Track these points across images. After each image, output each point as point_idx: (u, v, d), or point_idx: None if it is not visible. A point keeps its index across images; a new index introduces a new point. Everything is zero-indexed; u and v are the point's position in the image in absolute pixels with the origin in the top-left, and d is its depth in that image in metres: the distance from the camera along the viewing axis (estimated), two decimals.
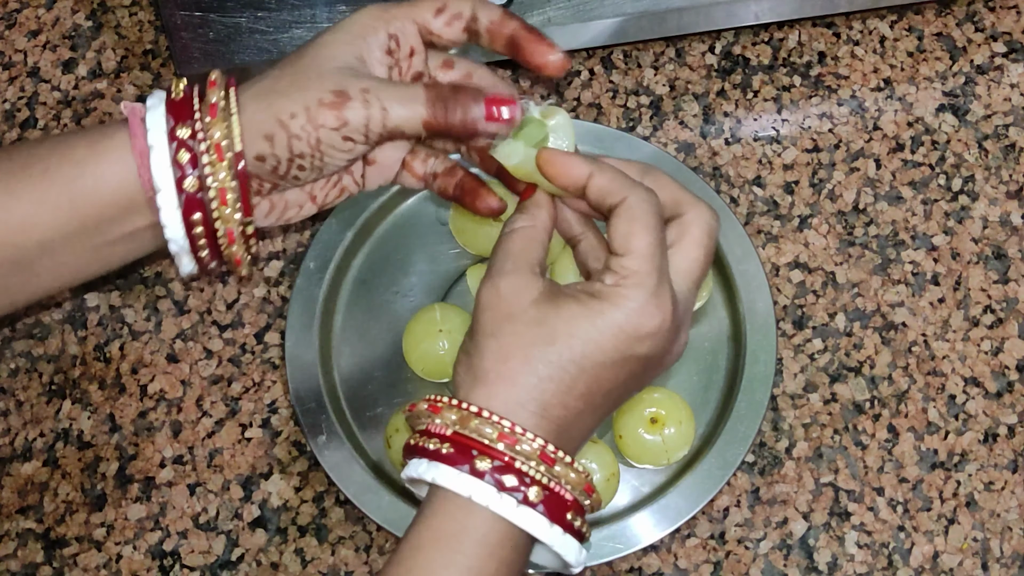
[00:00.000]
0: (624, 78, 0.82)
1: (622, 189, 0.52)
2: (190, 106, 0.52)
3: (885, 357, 0.73)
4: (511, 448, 0.49)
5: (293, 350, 0.71)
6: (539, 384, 0.50)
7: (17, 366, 0.74)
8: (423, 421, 0.52)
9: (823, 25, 0.83)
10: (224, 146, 0.51)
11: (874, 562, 0.68)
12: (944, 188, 0.78)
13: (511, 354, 0.50)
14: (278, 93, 0.52)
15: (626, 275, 0.51)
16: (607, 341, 0.50)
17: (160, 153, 0.51)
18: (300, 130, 0.51)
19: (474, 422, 0.49)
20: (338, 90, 0.51)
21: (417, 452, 0.51)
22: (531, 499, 0.49)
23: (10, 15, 0.84)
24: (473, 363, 0.51)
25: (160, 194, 0.52)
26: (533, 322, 0.51)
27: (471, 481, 0.49)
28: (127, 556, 0.69)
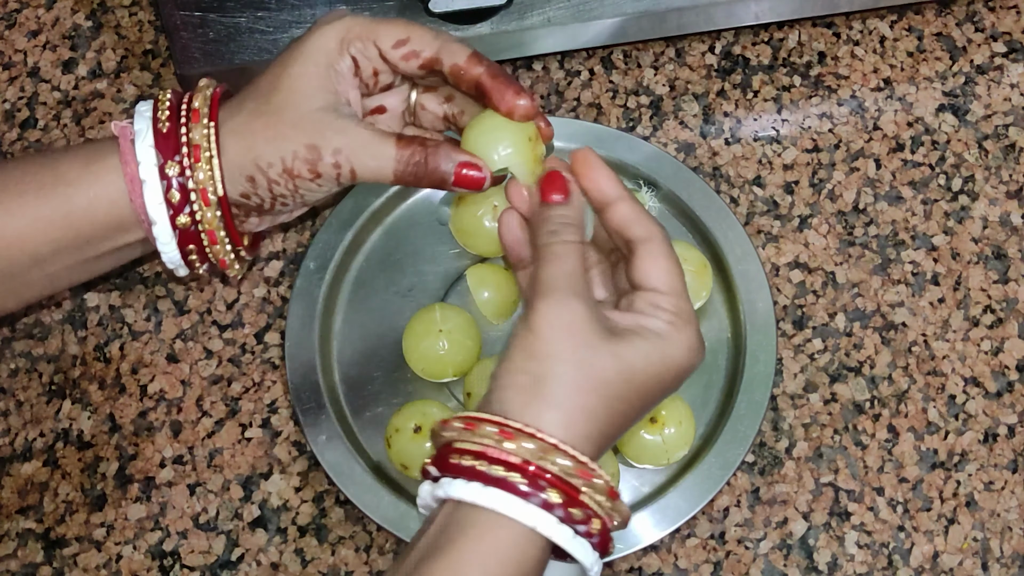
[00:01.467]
0: (624, 78, 0.82)
1: (651, 225, 0.54)
2: (177, 141, 0.54)
3: (885, 357, 0.73)
4: (586, 482, 0.49)
5: (293, 350, 0.71)
6: (609, 419, 0.50)
7: (17, 366, 0.74)
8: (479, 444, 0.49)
9: (823, 25, 0.83)
10: (209, 190, 0.55)
11: (874, 562, 0.68)
12: (944, 188, 0.78)
13: (590, 387, 0.50)
14: (256, 136, 0.54)
15: (679, 314, 0.52)
16: (668, 376, 0.52)
17: (152, 188, 0.55)
18: (278, 178, 0.55)
19: (553, 454, 0.48)
20: (311, 144, 0.54)
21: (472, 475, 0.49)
22: (593, 532, 0.49)
23: (10, 15, 0.84)
24: (546, 389, 0.49)
25: (156, 226, 0.55)
26: (612, 358, 0.50)
27: (538, 513, 0.48)
28: (127, 556, 0.69)
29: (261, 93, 0.55)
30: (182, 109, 0.55)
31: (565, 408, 0.49)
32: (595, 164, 0.55)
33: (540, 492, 0.48)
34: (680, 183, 0.75)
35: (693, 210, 0.74)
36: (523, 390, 0.50)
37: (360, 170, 0.54)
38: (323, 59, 0.55)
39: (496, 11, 0.72)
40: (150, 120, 0.55)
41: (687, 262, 0.70)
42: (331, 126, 0.54)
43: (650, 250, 0.53)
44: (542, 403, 0.49)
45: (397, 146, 0.54)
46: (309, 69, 0.55)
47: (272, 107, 0.54)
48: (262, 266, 0.76)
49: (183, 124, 0.55)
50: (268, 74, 0.56)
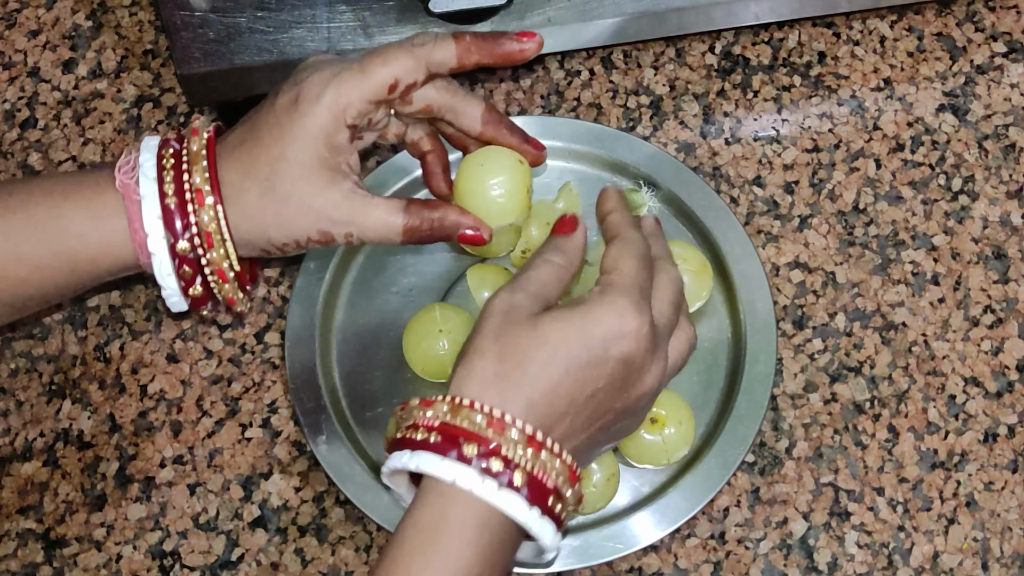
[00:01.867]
0: (624, 78, 0.82)
1: (624, 227, 0.59)
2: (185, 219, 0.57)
3: (885, 357, 0.73)
4: (499, 435, 0.52)
5: (293, 350, 0.71)
6: (529, 382, 0.53)
7: (17, 366, 0.74)
8: (412, 416, 0.54)
9: (823, 25, 0.83)
10: (224, 267, 0.58)
11: (874, 562, 0.68)
12: (944, 188, 0.78)
13: (508, 355, 0.53)
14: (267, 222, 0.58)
15: (610, 283, 0.56)
16: (589, 339, 0.54)
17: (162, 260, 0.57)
18: (292, 250, 0.59)
19: (464, 412, 0.52)
20: (323, 230, 0.58)
21: (402, 444, 0.53)
22: (516, 483, 0.51)
23: (10, 15, 0.84)
24: (472, 363, 0.54)
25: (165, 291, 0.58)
26: (530, 327, 0.54)
27: (455, 466, 0.51)
28: (127, 556, 0.69)
29: (262, 173, 0.57)
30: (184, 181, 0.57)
31: (485, 375, 0.53)
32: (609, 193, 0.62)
33: (454, 447, 0.51)
34: (680, 183, 0.75)
35: (693, 210, 0.74)
36: (460, 367, 0.54)
37: (370, 242, 0.59)
38: (321, 141, 0.57)
39: (496, 11, 0.72)
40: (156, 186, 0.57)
41: (687, 262, 0.70)
42: (339, 211, 0.58)
43: (612, 243, 0.58)
44: (467, 375, 0.53)
45: (404, 218, 0.58)
46: (309, 154, 0.57)
47: (279, 195, 0.57)
48: (262, 266, 0.76)
49: (189, 202, 0.57)
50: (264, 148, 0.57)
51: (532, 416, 0.53)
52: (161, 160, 0.57)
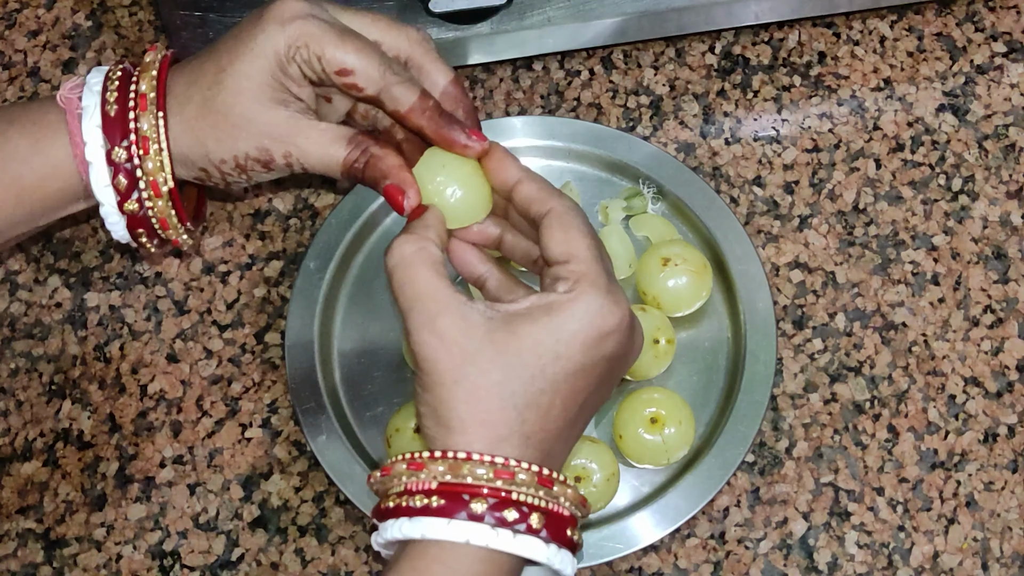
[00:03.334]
0: (624, 78, 0.82)
1: (548, 197, 0.53)
2: (125, 127, 0.54)
3: (885, 357, 0.73)
4: (509, 482, 0.48)
5: (293, 350, 0.71)
6: (519, 416, 0.49)
7: (17, 366, 0.74)
8: (400, 482, 0.50)
9: (823, 25, 0.83)
10: (159, 180, 0.55)
11: (874, 562, 0.68)
12: (944, 188, 0.78)
13: (483, 395, 0.49)
14: (205, 134, 0.54)
15: (577, 279, 0.50)
16: (574, 350, 0.50)
17: (99, 171, 0.54)
18: (231, 171, 0.55)
19: (465, 467, 0.48)
20: (261, 147, 0.54)
21: (397, 513, 0.49)
22: (534, 526, 0.48)
23: (10, 15, 0.84)
24: (442, 415, 0.49)
25: (103, 207, 0.55)
26: (496, 355, 0.49)
27: (466, 526, 0.48)
28: (127, 556, 0.69)
29: (207, 83, 0.54)
30: (130, 90, 0.54)
31: (465, 425, 0.49)
32: (497, 154, 0.54)
33: (463, 506, 0.48)
34: (680, 183, 0.75)
35: (693, 210, 0.74)
36: (430, 425, 0.50)
37: (311, 168, 0.55)
38: (270, 62, 0.53)
39: (496, 11, 0.72)
40: (99, 97, 0.55)
41: (687, 262, 0.70)
42: (279, 128, 0.54)
43: (549, 223, 0.52)
44: (446, 430, 0.49)
45: (346, 150, 0.54)
46: (254, 69, 0.54)
47: (219, 105, 0.54)
48: (262, 266, 0.76)
49: (131, 109, 0.54)
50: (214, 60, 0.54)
51: (531, 450, 0.49)
52: (108, 75, 0.55)
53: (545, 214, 0.52)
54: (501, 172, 0.54)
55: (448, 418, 0.49)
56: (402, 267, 0.51)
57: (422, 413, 0.51)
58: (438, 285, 0.50)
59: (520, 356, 0.49)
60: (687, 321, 0.73)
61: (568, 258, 0.51)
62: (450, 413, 0.49)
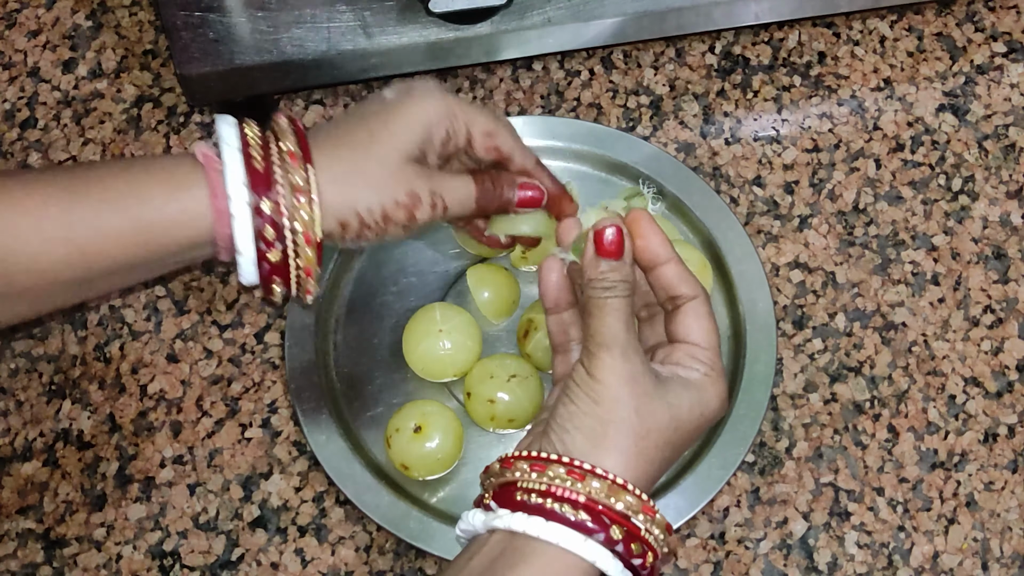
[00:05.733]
0: (624, 78, 0.82)
1: (697, 285, 0.58)
2: (270, 179, 0.56)
3: (885, 357, 0.73)
4: (649, 521, 0.52)
5: (293, 350, 0.71)
6: (658, 462, 0.54)
7: (17, 366, 0.74)
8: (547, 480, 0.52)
9: (823, 25, 0.83)
10: (311, 231, 0.56)
11: (874, 562, 0.68)
12: (944, 188, 0.78)
13: (646, 433, 0.53)
14: (357, 186, 0.57)
15: (713, 367, 0.57)
16: (703, 423, 0.56)
17: (243, 223, 0.56)
18: (373, 224, 0.58)
19: (620, 493, 0.52)
20: (411, 191, 0.58)
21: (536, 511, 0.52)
22: (648, 565, 0.52)
23: (10, 15, 0.84)
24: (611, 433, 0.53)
25: (242, 256, 0.56)
26: (666, 407, 0.54)
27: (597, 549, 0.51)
28: (127, 556, 0.69)
29: (361, 143, 0.58)
30: (272, 147, 0.56)
31: (627, 451, 0.53)
32: (650, 225, 0.58)
33: (604, 529, 0.51)
34: (680, 183, 0.75)
35: (693, 210, 0.74)
36: (590, 434, 0.53)
37: (451, 204, 0.59)
38: (422, 126, 0.58)
39: (496, 11, 0.72)
40: (239, 153, 0.56)
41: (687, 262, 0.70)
42: (421, 175, 0.58)
43: (695, 307, 0.57)
44: (608, 445, 0.53)
45: (476, 184, 0.60)
46: (408, 134, 0.58)
47: (372, 161, 0.57)
48: None
49: (278, 165, 0.56)
50: (365, 124, 0.58)
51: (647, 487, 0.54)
52: (244, 132, 0.57)
53: (691, 298, 0.58)
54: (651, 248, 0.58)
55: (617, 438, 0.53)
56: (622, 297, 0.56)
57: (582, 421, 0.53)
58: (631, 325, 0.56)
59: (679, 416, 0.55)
60: None
61: (708, 346, 0.57)
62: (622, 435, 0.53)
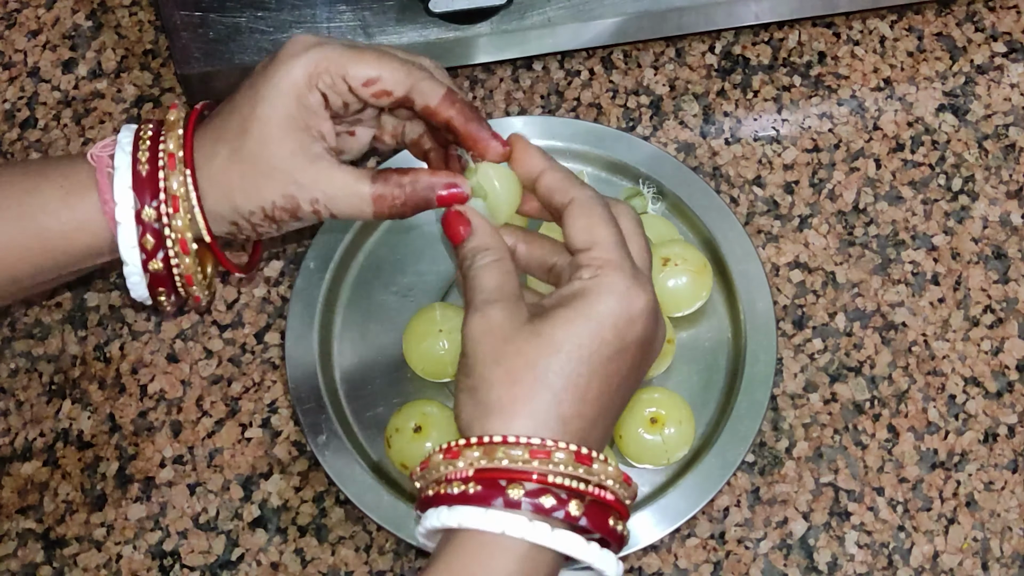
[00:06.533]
0: (624, 78, 0.82)
1: (570, 188, 0.54)
2: (155, 186, 0.54)
3: (885, 357, 0.73)
4: (546, 462, 0.48)
5: (293, 350, 0.71)
6: (554, 397, 0.50)
7: (17, 366, 0.74)
8: (438, 472, 0.50)
9: (823, 25, 0.83)
10: (188, 238, 0.55)
11: (874, 562, 0.68)
12: (944, 188, 0.78)
13: (520, 375, 0.50)
14: (232, 187, 0.55)
15: (601, 264, 0.51)
16: (607, 332, 0.51)
17: (127, 232, 0.55)
18: (261, 222, 0.55)
19: (500, 450, 0.48)
20: (288, 195, 0.54)
21: (436, 501, 0.50)
22: (573, 514, 0.48)
23: (10, 15, 0.84)
24: (480, 397, 0.50)
25: (127, 267, 0.56)
26: (532, 336, 0.50)
27: (503, 516, 0.48)
28: (127, 556, 0.69)
29: (233, 134, 0.55)
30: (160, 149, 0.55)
31: (503, 405, 0.50)
32: (521, 144, 0.55)
33: (500, 493, 0.48)
34: (680, 183, 0.75)
35: (693, 210, 0.74)
36: (468, 407, 0.51)
37: (339, 213, 0.55)
38: (291, 97, 0.54)
39: (496, 11, 0.72)
40: (130, 157, 0.55)
41: (687, 262, 0.70)
42: (305, 173, 0.54)
43: (571, 212, 0.53)
44: (483, 411, 0.50)
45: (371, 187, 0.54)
46: (278, 111, 0.54)
47: (245, 154, 0.54)
48: (262, 266, 0.76)
49: (160, 168, 0.55)
50: (237, 111, 0.55)
51: (569, 432, 0.50)
52: (139, 134, 0.56)
53: (568, 203, 0.53)
54: (526, 162, 0.55)
55: (486, 398, 0.50)
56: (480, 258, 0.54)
57: (461, 400, 0.52)
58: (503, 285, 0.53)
59: (554, 338, 0.50)
60: (687, 321, 0.73)
61: (591, 245, 0.52)
62: (488, 392, 0.50)
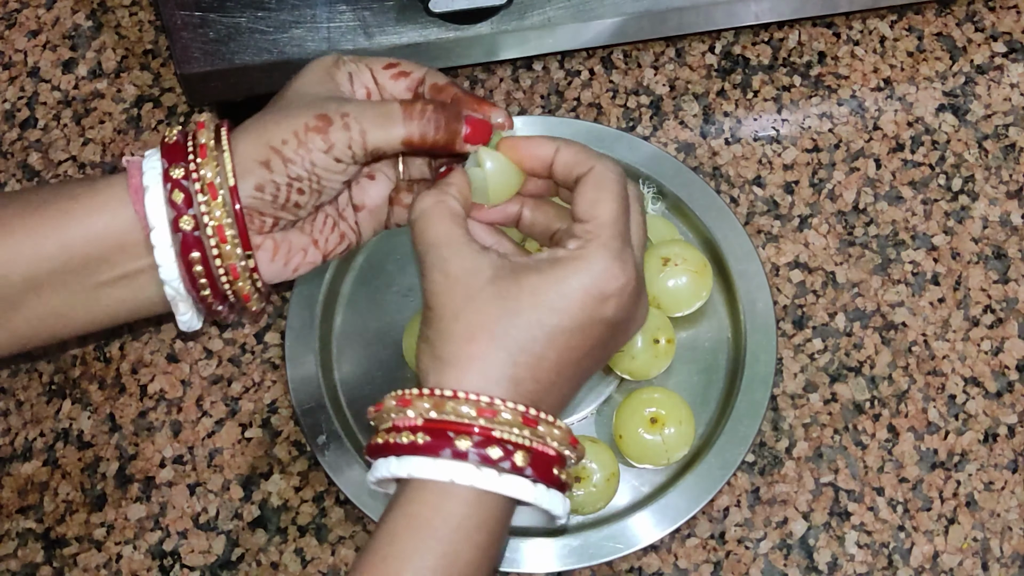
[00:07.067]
0: (624, 78, 0.82)
1: (589, 159, 0.53)
2: (183, 148, 0.54)
3: (885, 357, 0.73)
4: (492, 420, 0.49)
5: (293, 350, 0.71)
6: (509, 358, 0.50)
7: (17, 366, 0.74)
8: (389, 418, 0.51)
9: (823, 25, 0.83)
10: (217, 183, 0.53)
11: (874, 562, 0.68)
12: (944, 188, 0.78)
13: (477, 333, 0.50)
14: (266, 124, 0.54)
15: (590, 238, 0.51)
16: (573, 306, 0.50)
17: (155, 193, 0.53)
18: (293, 154, 0.53)
19: (449, 404, 0.49)
20: (320, 114, 0.53)
21: (386, 450, 0.50)
22: (518, 464, 0.49)
23: (10, 15, 0.84)
24: (436, 349, 0.51)
25: (154, 231, 0.53)
26: (495, 297, 0.50)
27: (451, 465, 0.49)
28: (127, 556, 0.69)
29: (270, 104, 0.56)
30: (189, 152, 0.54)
31: (458, 360, 0.50)
32: (519, 141, 0.55)
33: (448, 444, 0.49)
34: (680, 183, 0.75)
35: (693, 210, 0.74)
36: (424, 359, 0.51)
37: (371, 135, 0.53)
38: (321, 69, 0.56)
39: (496, 11, 0.72)
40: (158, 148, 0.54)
41: (687, 262, 0.70)
42: (336, 100, 0.54)
43: (585, 181, 0.53)
44: (438, 363, 0.50)
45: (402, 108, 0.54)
46: (310, 76, 0.56)
47: (279, 103, 0.55)
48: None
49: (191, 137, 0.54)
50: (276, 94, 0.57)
51: (520, 394, 0.50)
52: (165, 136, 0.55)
53: (586, 173, 0.53)
54: (537, 150, 0.55)
55: (442, 352, 0.50)
56: (423, 217, 0.53)
57: (421, 350, 0.52)
58: (454, 233, 0.52)
59: (518, 302, 0.50)
60: (687, 321, 0.73)
61: (589, 218, 0.52)
62: (445, 346, 0.50)
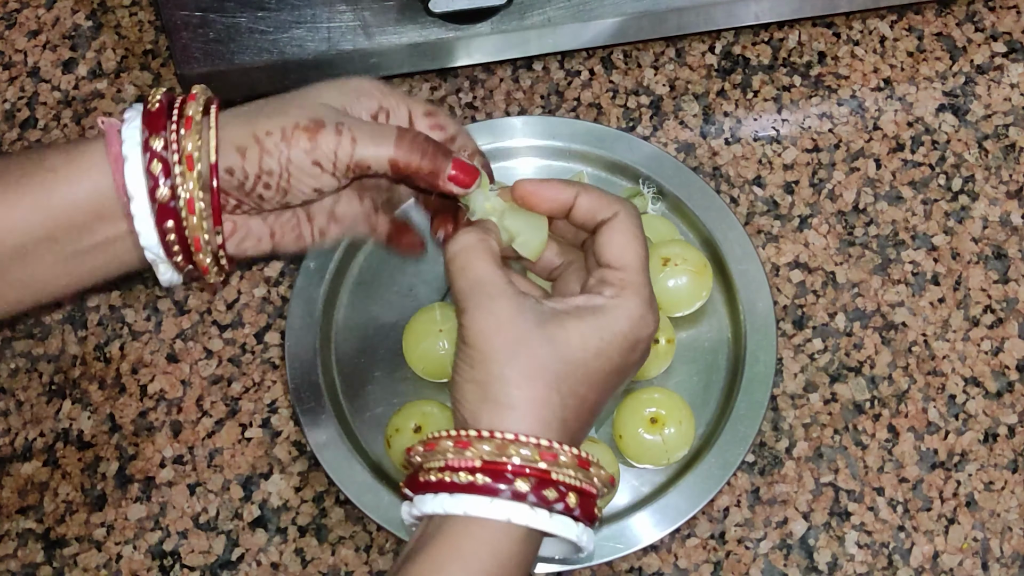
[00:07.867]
0: (624, 78, 0.82)
1: (612, 204, 0.55)
2: (164, 117, 0.53)
3: (885, 357, 0.73)
4: (552, 463, 0.50)
5: (293, 350, 0.71)
6: (561, 401, 0.52)
7: (17, 366, 0.74)
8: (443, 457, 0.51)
9: (823, 25, 0.83)
10: (195, 157, 0.53)
11: (874, 562, 0.68)
12: (944, 188, 0.78)
13: (534, 376, 0.51)
14: (258, 114, 0.54)
15: (624, 287, 0.53)
16: (614, 351, 0.53)
17: (134, 163, 0.53)
18: (273, 147, 0.53)
19: (512, 448, 0.50)
20: (315, 118, 0.53)
21: (439, 488, 0.51)
22: (571, 505, 0.51)
23: (10, 15, 0.84)
24: (492, 392, 0.51)
25: (133, 202, 0.53)
26: (547, 341, 0.52)
27: (508, 505, 0.50)
28: (127, 556, 0.69)
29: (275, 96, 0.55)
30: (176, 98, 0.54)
31: (515, 403, 0.51)
32: (535, 186, 0.56)
33: (507, 485, 0.50)
34: (680, 183, 0.75)
35: (693, 210, 0.74)
36: (473, 400, 0.52)
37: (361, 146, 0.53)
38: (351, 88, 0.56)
39: (496, 11, 0.72)
40: (140, 107, 0.54)
41: (687, 262, 0.70)
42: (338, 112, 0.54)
43: (610, 226, 0.54)
44: (493, 406, 0.51)
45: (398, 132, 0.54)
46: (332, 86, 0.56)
47: (282, 99, 0.55)
48: (262, 266, 0.76)
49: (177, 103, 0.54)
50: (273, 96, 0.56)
51: (568, 435, 0.52)
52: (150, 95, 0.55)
53: (611, 217, 0.54)
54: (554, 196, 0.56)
55: (498, 395, 0.51)
56: (464, 253, 0.54)
57: (466, 389, 0.52)
58: (496, 273, 0.53)
59: (569, 347, 0.52)
60: (687, 321, 0.73)
61: (621, 265, 0.54)
62: (502, 390, 0.51)
